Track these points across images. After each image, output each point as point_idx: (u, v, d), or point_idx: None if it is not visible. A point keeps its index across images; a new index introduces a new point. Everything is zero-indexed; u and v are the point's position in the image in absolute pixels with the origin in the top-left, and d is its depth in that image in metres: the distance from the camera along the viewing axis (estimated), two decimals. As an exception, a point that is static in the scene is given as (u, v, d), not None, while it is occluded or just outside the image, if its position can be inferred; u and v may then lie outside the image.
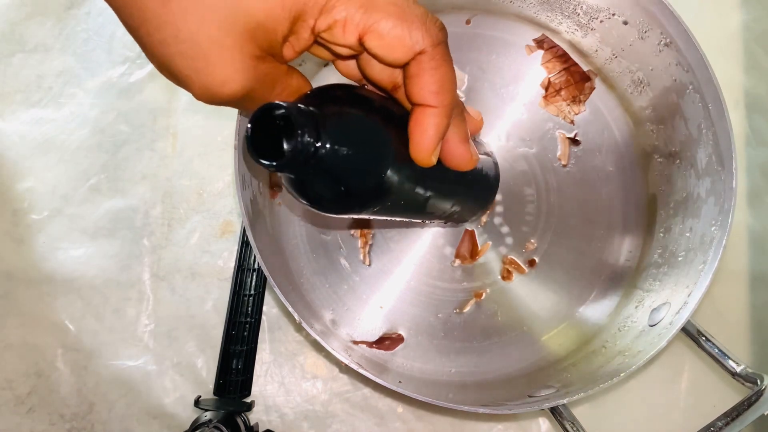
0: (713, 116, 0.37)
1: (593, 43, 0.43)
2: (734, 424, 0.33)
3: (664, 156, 0.42)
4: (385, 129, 0.26)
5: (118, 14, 0.23)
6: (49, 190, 0.49)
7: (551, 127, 0.46)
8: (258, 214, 0.39)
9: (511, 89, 0.46)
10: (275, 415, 0.46)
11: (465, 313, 0.45)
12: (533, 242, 0.45)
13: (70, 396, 0.46)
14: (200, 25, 0.22)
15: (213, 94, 0.23)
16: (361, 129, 0.25)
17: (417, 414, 0.46)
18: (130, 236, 0.48)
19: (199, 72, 0.22)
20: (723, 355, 0.36)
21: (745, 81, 0.50)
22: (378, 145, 0.25)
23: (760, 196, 0.48)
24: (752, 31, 0.50)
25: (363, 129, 0.25)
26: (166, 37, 0.22)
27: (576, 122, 0.45)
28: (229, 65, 0.22)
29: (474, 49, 0.45)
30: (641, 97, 0.42)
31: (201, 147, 0.50)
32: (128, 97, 0.50)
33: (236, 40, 0.22)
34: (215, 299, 0.47)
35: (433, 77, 0.24)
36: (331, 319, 0.43)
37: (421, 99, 0.25)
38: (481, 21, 0.45)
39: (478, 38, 0.45)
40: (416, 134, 0.26)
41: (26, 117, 0.50)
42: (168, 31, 0.22)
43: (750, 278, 0.47)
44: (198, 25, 0.22)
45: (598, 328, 0.42)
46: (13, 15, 0.52)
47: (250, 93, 0.24)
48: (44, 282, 0.48)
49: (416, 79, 0.25)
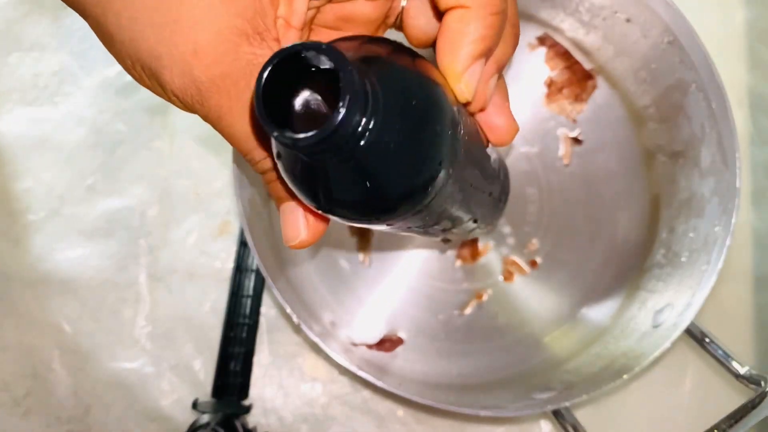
0: (717, 115, 0.36)
1: (596, 41, 0.42)
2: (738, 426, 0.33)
3: (667, 155, 0.42)
4: (447, 99, 0.19)
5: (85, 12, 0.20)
6: (45, 190, 0.49)
7: (553, 125, 0.45)
8: (256, 214, 0.39)
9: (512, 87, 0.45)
10: (274, 417, 0.45)
11: (466, 314, 0.44)
12: (535, 243, 0.45)
13: (66, 398, 0.46)
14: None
15: (187, 71, 0.19)
16: (422, 99, 0.18)
17: (417, 417, 0.45)
18: (126, 236, 0.48)
19: (169, 41, 0.18)
20: (727, 356, 0.36)
21: (749, 79, 0.49)
22: (437, 123, 0.19)
23: (765, 196, 0.48)
24: (756, 28, 0.50)
25: (425, 100, 0.18)
26: (134, 12, 0.19)
27: (578, 121, 0.45)
28: (202, 30, 0.18)
29: (475, 47, 0.45)
30: (644, 95, 0.42)
31: (199, 146, 0.49)
32: (125, 96, 0.50)
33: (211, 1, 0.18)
34: (213, 300, 0.47)
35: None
36: (330, 320, 0.43)
37: (447, 1, 0.19)
38: (482, 19, 0.44)
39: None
40: (443, 51, 0.20)
41: (22, 116, 0.50)
42: (137, 2, 0.19)
43: (754, 279, 0.47)
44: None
45: (601, 329, 0.42)
46: (9, 13, 0.51)
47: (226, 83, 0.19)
48: (41, 283, 0.47)
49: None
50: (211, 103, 0.19)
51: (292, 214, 0.23)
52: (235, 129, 0.20)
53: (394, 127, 0.17)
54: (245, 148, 0.21)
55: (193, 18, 0.18)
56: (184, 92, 0.19)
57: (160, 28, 0.18)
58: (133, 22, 0.19)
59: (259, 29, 0.19)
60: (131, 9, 0.19)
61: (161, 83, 0.20)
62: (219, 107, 0.20)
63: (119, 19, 0.19)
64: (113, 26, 0.19)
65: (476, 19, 0.19)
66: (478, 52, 0.20)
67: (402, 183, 0.18)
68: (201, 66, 0.19)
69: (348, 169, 0.17)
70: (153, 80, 0.20)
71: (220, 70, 0.19)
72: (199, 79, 0.19)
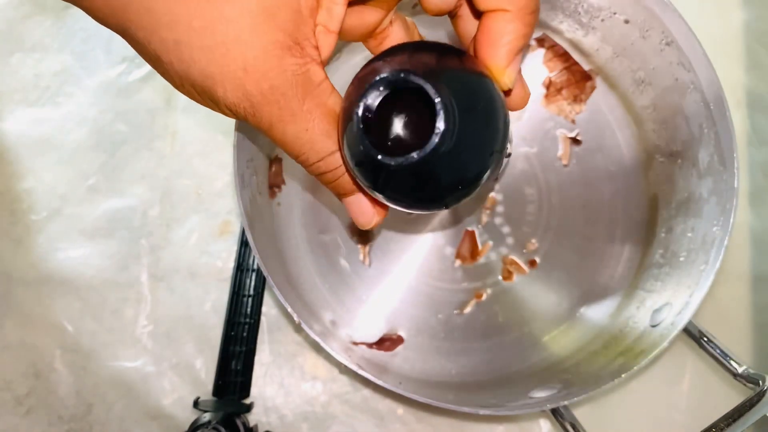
0: (715, 116, 0.37)
1: (594, 42, 0.42)
2: (736, 425, 0.33)
3: (665, 156, 0.42)
4: (500, 94, 0.21)
5: (129, 34, 0.21)
6: (47, 190, 0.49)
7: (552, 126, 0.45)
8: (257, 214, 0.39)
9: (511, 88, 0.46)
10: (275, 416, 0.45)
11: (465, 313, 0.44)
12: (534, 242, 0.45)
13: (68, 397, 0.46)
14: (212, 7, 0.20)
15: (239, 86, 0.20)
16: (478, 92, 0.20)
17: (417, 415, 0.45)
18: (128, 236, 0.48)
19: (220, 61, 0.20)
20: (725, 356, 0.36)
21: (746, 80, 0.50)
22: (493, 104, 0.21)
23: (763, 196, 0.48)
24: (754, 29, 0.50)
25: (480, 92, 0.21)
26: (180, 35, 0.20)
27: (577, 122, 0.45)
28: (249, 48, 0.20)
29: (474, 48, 0.45)
30: (642, 96, 0.42)
31: (200, 146, 0.50)
32: (127, 96, 0.50)
33: (253, 18, 0.20)
34: (214, 300, 0.47)
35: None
36: (330, 319, 0.43)
37: (488, 4, 0.21)
38: (482, 20, 0.44)
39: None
40: (487, 50, 0.21)
41: (24, 116, 0.50)
42: (182, 27, 0.20)
43: (752, 279, 0.47)
44: (210, 8, 0.20)
45: (600, 328, 0.42)
46: (11, 14, 0.52)
47: (275, 95, 0.21)
48: (42, 282, 0.47)
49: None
50: (262, 113, 0.21)
51: (361, 203, 0.26)
52: (287, 135, 0.22)
53: (466, 131, 0.19)
54: (297, 152, 0.23)
55: (240, 38, 0.20)
56: (237, 106, 0.21)
57: (210, 50, 0.20)
58: (180, 45, 0.20)
59: (299, 40, 0.21)
60: (177, 32, 0.20)
61: (214, 99, 0.21)
62: (270, 116, 0.21)
63: (165, 44, 0.20)
64: (159, 49, 0.21)
65: (515, 20, 0.21)
66: (518, 49, 0.22)
67: (469, 174, 0.20)
68: (251, 81, 0.20)
69: (426, 171, 0.19)
70: (204, 96, 0.21)
71: (268, 84, 0.20)
72: (251, 93, 0.20)
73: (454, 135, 0.18)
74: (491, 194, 0.46)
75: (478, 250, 0.45)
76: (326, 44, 0.22)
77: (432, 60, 0.21)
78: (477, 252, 0.45)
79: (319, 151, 0.22)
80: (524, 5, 0.21)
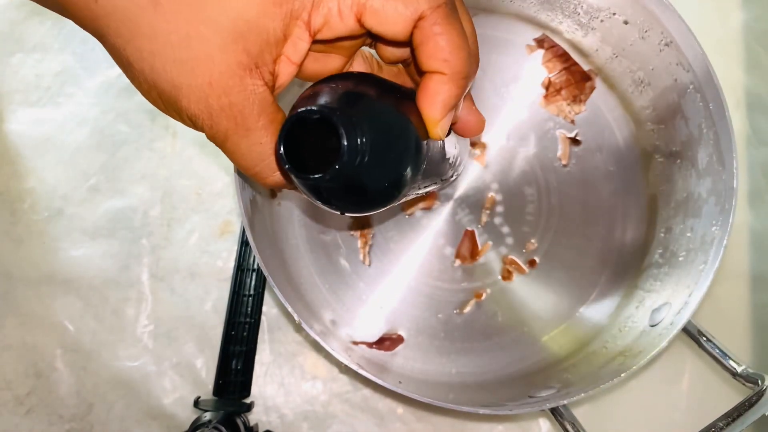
0: (714, 116, 0.37)
1: (594, 43, 0.42)
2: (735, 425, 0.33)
3: (664, 156, 0.42)
4: (404, 112, 0.24)
5: (104, 39, 0.22)
6: (48, 190, 0.49)
7: (552, 126, 0.46)
8: (257, 214, 0.39)
9: (511, 89, 0.46)
10: (275, 415, 0.46)
11: (465, 313, 0.45)
12: (534, 242, 0.45)
13: (69, 396, 0.46)
14: (190, 24, 0.21)
15: (203, 99, 0.22)
16: (388, 118, 0.23)
17: (417, 415, 0.45)
18: (129, 236, 0.48)
19: (189, 75, 0.22)
20: (724, 355, 0.36)
21: (746, 80, 0.50)
22: (405, 132, 0.24)
23: (761, 196, 0.48)
24: (753, 30, 0.50)
25: (391, 118, 0.24)
26: (157, 47, 0.21)
27: (576, 122, 0.45)
28: (216, 65, 0.22)
29: (474, 48, 0.45)
30: (642, 96, 0.42)
31: (200, 146, 0.50)
32: (127, 96, 0.50)
33: (224, 38, 0.21)
34: (214, 300, 0.47)
35: (437, 43, 0.23)
36: (330, 319, 0.43)
37: (429, 67, 0.24)
38: (482, 20, 0.44)
39: (479, 38, 0.45)
40: (424, 104, 0.24)
41: (25, 117, 0.50)
42: (160, 40, 0.21)
43: (751, 278, 0.47)
44: (188, 25, 0.21)
45: (599, 328, 0.42)
46: (12, 14, 0.52)
47: (233, 111, 0.22)
48: (43, 282, 0.47)
49: (421, 47, 0.23)
50: (220, 126, 0.23)
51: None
52: (241, 147, 0.24)
53: (378, 155, 0.22)
54: (250, 164, 0.25)
55: (210, 55, 0.21)
56: (198, 117, 0.23)
57: (182, 63, 0.21)
58: (154, 56, 0.22)
59: (259, 64, 0.23)
60: (154, 44, 0.21)
61: (177, 109, 0.23)
62: (227, 129, 0.23)
63: (140, 52, 0.22)
64: (133, 57, 0.22)
65: (450, 82, 0.24)
66: (451, 106, 0.24)
67: (381, 189, 0.24)
68: (214, 95, 0.22)
69: (347, 184, 0.23)
70: (168, 105, 0.23)
71: (228, 100, 0.22)
72: (212, 107, 0.22)
73: (360, 154, 0.21)
74: (491, 194, 0.46)
75: (478, 250, 0.45)
76: (286, 73, 0.24)
77: (349, 89, 0.24)
78: (477, 252, 0.45)
79: (271, 164, 0.25)
80: (459, 71, 0.24)
